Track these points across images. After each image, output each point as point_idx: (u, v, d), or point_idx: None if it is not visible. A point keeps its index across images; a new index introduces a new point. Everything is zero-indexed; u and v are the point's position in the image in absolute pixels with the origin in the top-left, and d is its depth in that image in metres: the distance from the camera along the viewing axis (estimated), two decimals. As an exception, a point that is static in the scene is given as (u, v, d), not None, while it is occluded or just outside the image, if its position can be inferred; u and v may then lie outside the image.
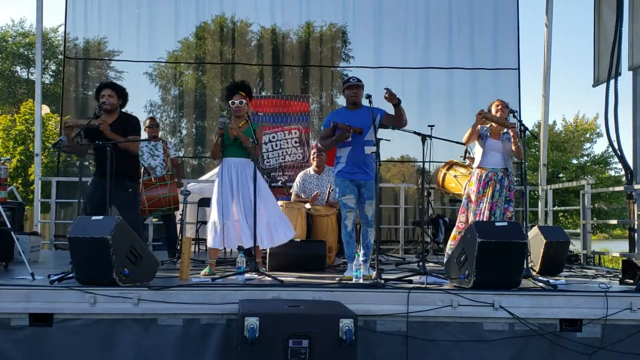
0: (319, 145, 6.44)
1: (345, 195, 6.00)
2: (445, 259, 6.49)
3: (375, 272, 5.37)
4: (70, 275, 4.99)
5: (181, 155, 11.48)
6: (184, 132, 12.38)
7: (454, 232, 6.55)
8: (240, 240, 5.87)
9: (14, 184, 15.65)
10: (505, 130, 6.34)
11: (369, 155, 5.88)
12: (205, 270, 5.82)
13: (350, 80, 6.08)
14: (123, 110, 6.34)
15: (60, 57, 14.98)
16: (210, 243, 5.90)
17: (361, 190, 5.96)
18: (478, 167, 6.39)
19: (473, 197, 6.34)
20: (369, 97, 5.74)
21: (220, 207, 5.83)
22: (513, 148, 6.26)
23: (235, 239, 5.87)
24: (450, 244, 6.47)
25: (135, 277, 4.90)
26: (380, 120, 5.91)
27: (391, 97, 5.76)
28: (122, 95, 6.26)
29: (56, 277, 5.03)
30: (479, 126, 6.36)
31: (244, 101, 6.02)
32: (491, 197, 6.26)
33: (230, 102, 6.05)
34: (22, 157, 19.12)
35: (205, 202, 8.88)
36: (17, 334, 4.65)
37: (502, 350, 4.83)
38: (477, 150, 6.48)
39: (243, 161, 5.96)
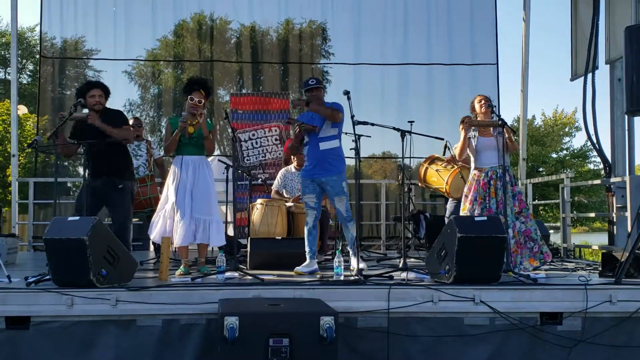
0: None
1: (305, 195, 6.11)
2: None
3: (356, 269, 5.38)
4: (48, 277, 4.93)
5: (162, 154, 11.40)
6: (164, 131, 12.28)
7: None
8: (194, 237, 5.83)
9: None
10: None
11: (327, 151, 5.93)
12: (181, 269, 5.75)
13: (309, 82, 6.13)
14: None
15: (37, 56, 14.81)
16: (178, 242, 5.78)
17: (326, 188, 5.98)
18: (475, 168, 6.19)
19: (471, 197, 6.13)
20: (347, 93, 5.74)
21: (177, 204, 5.77)
22: (508, 143, 6.05)
23: (190, 235, 5.80)
24: None
25: (113, 278, 4.84)
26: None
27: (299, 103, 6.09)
28: (108, 95, 6.24)
29: (33, 279, 4.97)
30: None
31: (202, 100, 5.93)
32: (495, 195, 6.06)
33: (189, 97, 5.92)
34: (0, 158, 18.91)
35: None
36: (-7, 338, 4.58)
37: (483, 344, 4.84)
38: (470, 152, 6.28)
39: (199, 159, 5.92)
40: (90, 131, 5.87)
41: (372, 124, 5.99)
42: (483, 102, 6.20)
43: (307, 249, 6.07)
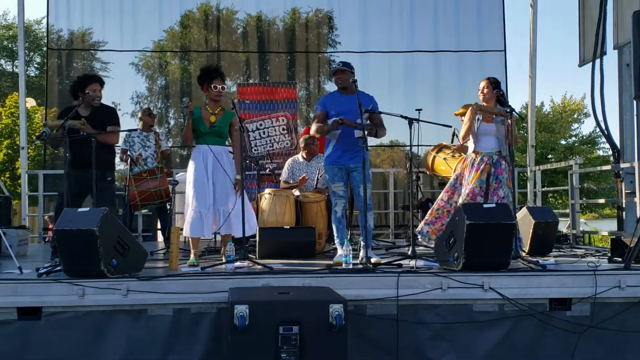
0: (311, 132, 6.37)
1: (334, 183, 6.02)
2: (418, 233, 6.47)
3: (365, 257, 5.38)
4: (58, 268, 4.96)
5: (170, 145, 11.44)
6: (172, 122, 12.30)
7: (433, 207, 6.51)
8: (215, 228, 5.88)
9: (2, 178, 15.59)
10: None
11: (359, 139, 5.86)
12: (192, 260, 5.78)
13: (337, 65, 6.08)
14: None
15: (45, 49, 14.86)
16: (187, 232, 5.84)
17: (353, 174, 5.94)
18: (473, 151, 6.30)
19: (464, 182, 6.25)
20: (354, 82, 5.75)
21: (196, 195, 5.80)
22: (510, 137, 6.15)
23: (211, 226, 5.85)
24: (426, 218, 6.47)
25: (123, 268, 4.87)
26: (372, 110, 5.97)
27: (369, 133, 5.90)
28: (102, 87, 6.30)
29: (44, 270, 5.01)
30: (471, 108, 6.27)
31: (225, 87, 5.97)
32: (480, 180, 6.17)
33: (212, 85, 5.94)
34: (9, 151, 19.00)
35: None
36: (6, 329, 4.61)
37: (492, 330, 4.86)
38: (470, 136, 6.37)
39: (220, 149, 5.94)
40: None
41: (380, 113, 6.00)
42: (485, 90, 6.25)
43: (337, 239, 6.00)
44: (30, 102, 18.24)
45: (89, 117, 6.10)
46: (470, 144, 6.35)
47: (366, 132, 5.76)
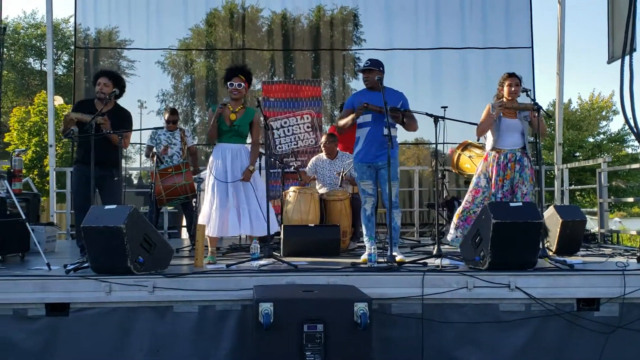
0: (337, 126, 6.34)
1: (363, 181, 6.00)
2: (449, 236, 6.44)
3: (389, 254, 5.35)
4: (86, 264, 5.01)
5: (195, 143, 11.50)
6: (197, 120, 12.37)
7: (458, 210, 6.44)
8: (235, 228, 5.88)
9: (30, 175, 15.79)
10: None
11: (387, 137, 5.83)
12: (208, 258, 5.80)
13: (365, 64, 6.05)
14: (118, 102, 6.34)
15: (72, 47, 15.02)
16: (208, 232, 5.89)
17: (381, 171, 5.92)
18: (493, 148, 6.21)
19: (493, 181, 6.15)
20: (379, 80, 5.73)
21: (214, 194, 5.85)
22: (540, 126, 6.04)
23: (230, 226, 5.87)
24: (455, 222, 6.39)
25: (150, 265, 4.91)
26: (402, 108, 5.93)
27: (395, 117, 5.79)
28: (118, 84, 6.23)
29: (72, 266, 5.06)
30: (490, 104, 6.19)
31: (243, 84, 5.97)
32: (511, 179, 6.10)
33: (228, 83, 5.99)
34: (37, 149, 19.27)
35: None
36: (34, 324, 4.69)
37: (518, 330, 4.81)
38: (490, 131, 6.29)
39: (239, 147, 5.96)
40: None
41: (405, 110, 5.95)
42: (513, 87, 6.16)
43: (365, 237, 6.00)
44: (58, 100, 18.47)
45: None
46: (489, 141, 6.26)
47: (393, 120, 5.77)
